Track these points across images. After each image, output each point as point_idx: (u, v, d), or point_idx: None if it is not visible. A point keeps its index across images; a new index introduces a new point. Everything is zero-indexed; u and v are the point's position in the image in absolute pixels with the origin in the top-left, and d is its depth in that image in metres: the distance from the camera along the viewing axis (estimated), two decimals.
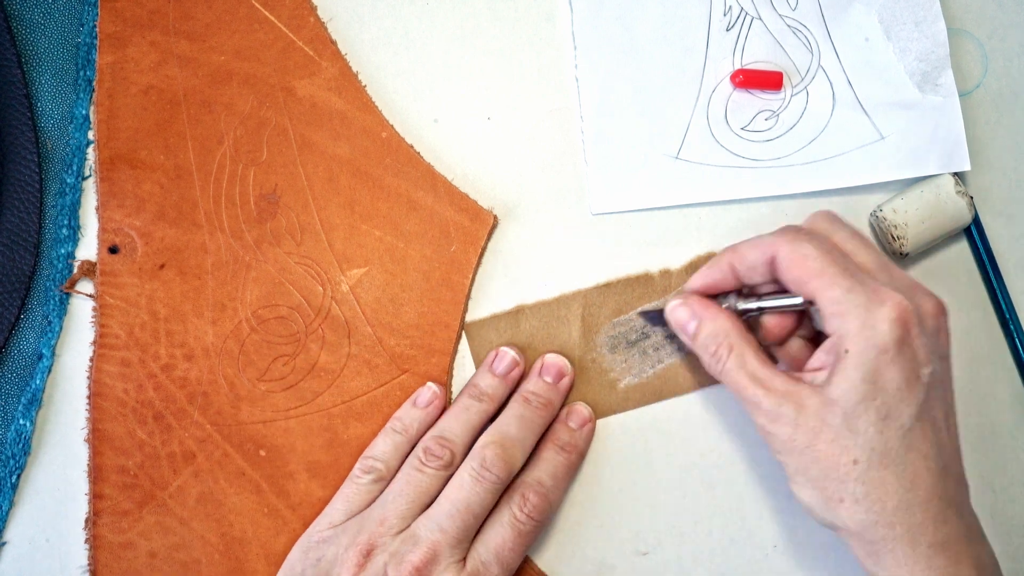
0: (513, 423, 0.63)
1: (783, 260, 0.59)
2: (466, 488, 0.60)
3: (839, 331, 0.57)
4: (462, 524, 0.59)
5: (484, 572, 0.59)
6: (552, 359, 0.66)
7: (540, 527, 0.62)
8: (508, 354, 0.65)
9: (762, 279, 0.62)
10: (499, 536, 0.60)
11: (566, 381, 0.66)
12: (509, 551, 0.60)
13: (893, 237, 0.68)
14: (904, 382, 0.56)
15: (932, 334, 0.58)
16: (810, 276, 0.58)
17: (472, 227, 0.67)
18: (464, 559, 0.59)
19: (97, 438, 0.63)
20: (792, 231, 0.61)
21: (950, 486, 0.57)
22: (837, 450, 0.56)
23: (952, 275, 0.71)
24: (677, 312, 0.63)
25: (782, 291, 0.62)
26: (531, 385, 0.65)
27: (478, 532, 0.61)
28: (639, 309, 0.68)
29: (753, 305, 0.63)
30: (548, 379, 0.65)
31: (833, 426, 0.56)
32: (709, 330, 0.61)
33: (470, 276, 0.67)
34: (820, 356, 0.59)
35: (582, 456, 0.66)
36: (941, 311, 0.60)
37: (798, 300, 0.61)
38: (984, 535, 0.60)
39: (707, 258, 0.69)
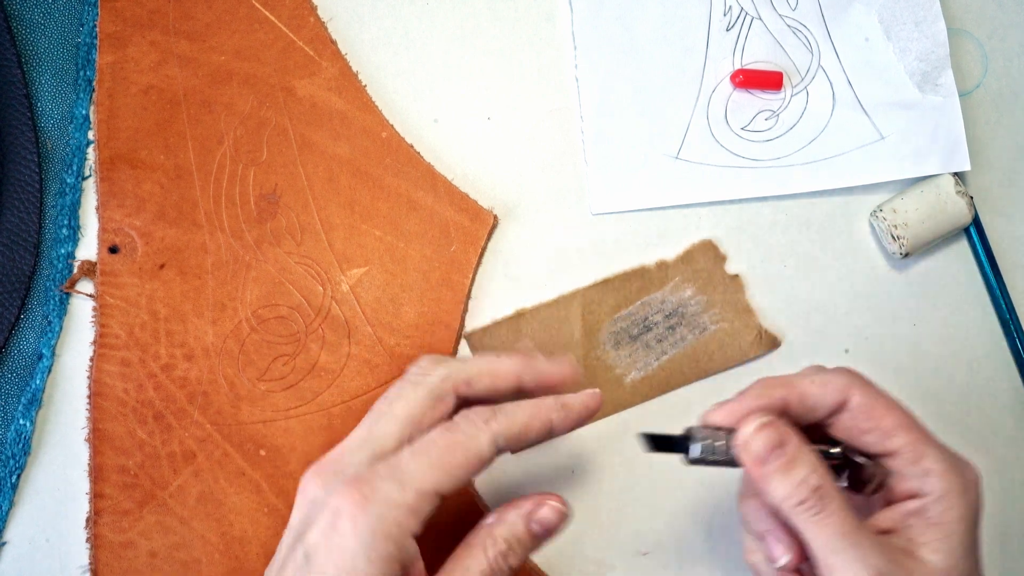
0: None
1: (861, 407, 0.54)
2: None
3: (937, 493, 0.52)
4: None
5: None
6: None
7: None
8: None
9: (814, 423, 0.56)
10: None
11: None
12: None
13: (894, 237, 0.68)
14: (976, 545, 0.53)
15: None
16: (898, 428, 0.53)
17: (472, 227, 0.67)
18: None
19: (97, 438, 0.63)
20: (856, 373, 0.55)
21: None
22: None
23: (952, 275, 0.71)
24: (760, 438, 0.53)
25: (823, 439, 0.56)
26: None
27: None
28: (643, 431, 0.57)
29: (836, 451, 0.56)
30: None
31: None
32: (802, 474, 0.52)
33: (470, 276, 0.67)
34: (896, 516, 0.53)
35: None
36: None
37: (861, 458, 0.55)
38: None
39: (703, 246, 0.69)
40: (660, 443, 0.56)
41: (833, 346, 0.70)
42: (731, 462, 0.54)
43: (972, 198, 0.69)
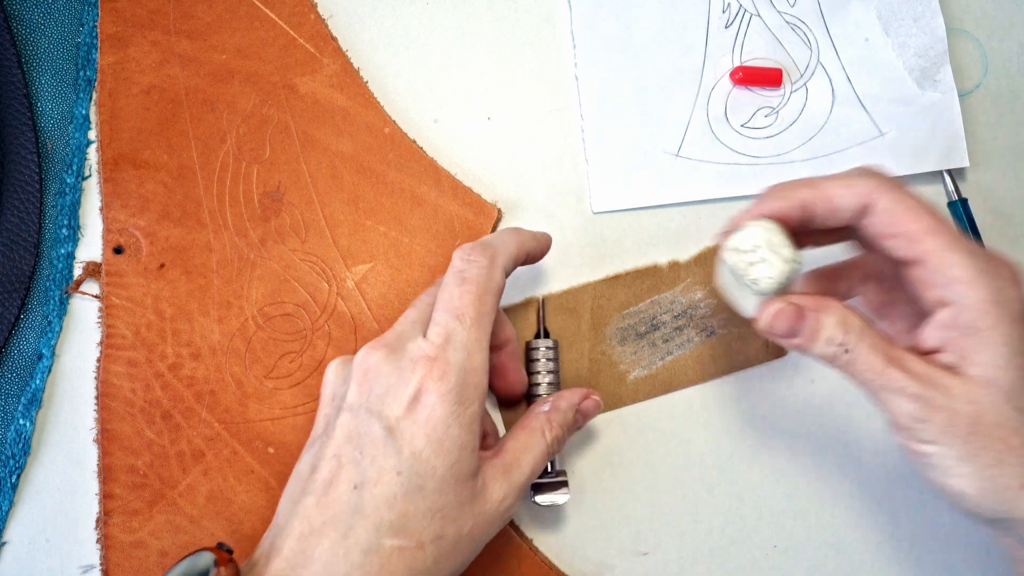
0: None
1: (887, 211, 0.52)
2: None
3: (965, 301, 0.51)
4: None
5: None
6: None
7: None
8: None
9: (837, 226, 0.56)
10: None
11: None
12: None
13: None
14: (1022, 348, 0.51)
15: None
16: (924, 233, 0.51)
17: (476, 221, 0.67)
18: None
19: (106, 438, 0.63)
20: (883, 176, 0.54)
21: None
22: (1007, 432, 0.50)
23: None
24: (782, 317, 0.55)
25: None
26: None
27: None
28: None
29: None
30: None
31: (996, 406, 0.50)
32: (832, 321, 0.53)
33: None
34: (936, 333, 0.53)
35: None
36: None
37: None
38: None
39: (715, 250, 0.69)
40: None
41: None
42: None
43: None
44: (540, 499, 0.64)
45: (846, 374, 0.54)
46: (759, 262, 0.54)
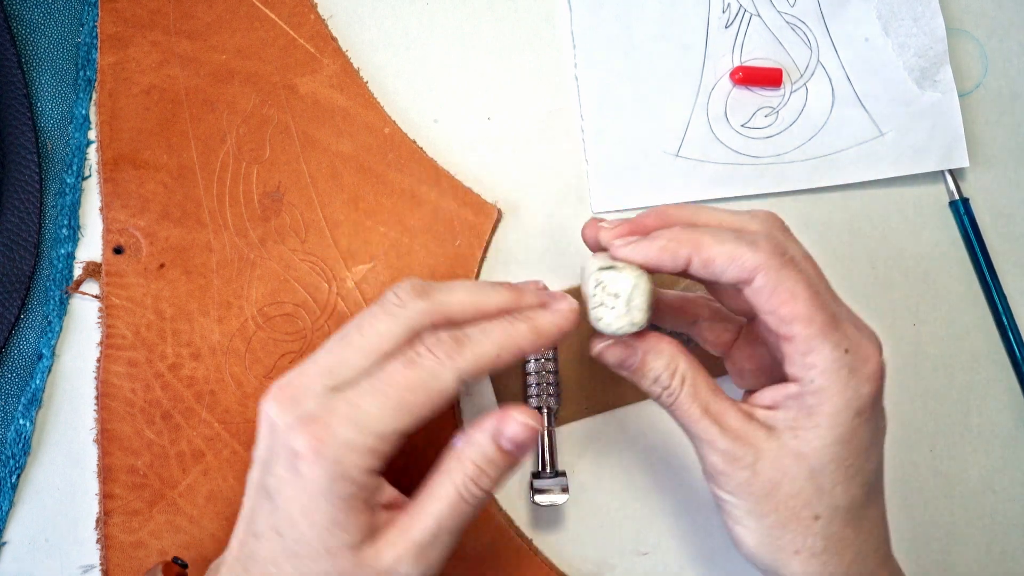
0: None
1: (765, 290, 0.52)
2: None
3: (814, 386, 0.52)
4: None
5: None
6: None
7: None
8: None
9: (716, 284, 0.57)
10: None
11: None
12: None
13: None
14: (871, 439, 0.53)
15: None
16: (794, 319, 0.52)
17: (476, 221, 0.67)
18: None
19: (106, 438, 0.63)
20: (774, 249, 0.53)
21: (887, 522, 0.56)
22: (799, 504, 0.53)
23: (951, 275, 0.71)
24: (612, 352, 0.56)
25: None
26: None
27: None
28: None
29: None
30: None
31: (797, 480, 0.52)
32: (659, 364, 0.55)
33: (475, 270, 0.67)
34: (777, 396, 0.54)
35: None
36: (881, 346, 0.55)
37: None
38: None
39: None
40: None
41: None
42: None
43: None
44: (540, 499, 0.64)
45: (669, 411, 0.56)
46: (610, 308, 0.54)
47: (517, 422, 0.53)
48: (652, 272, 0.55)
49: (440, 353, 0.51)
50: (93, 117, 0.66)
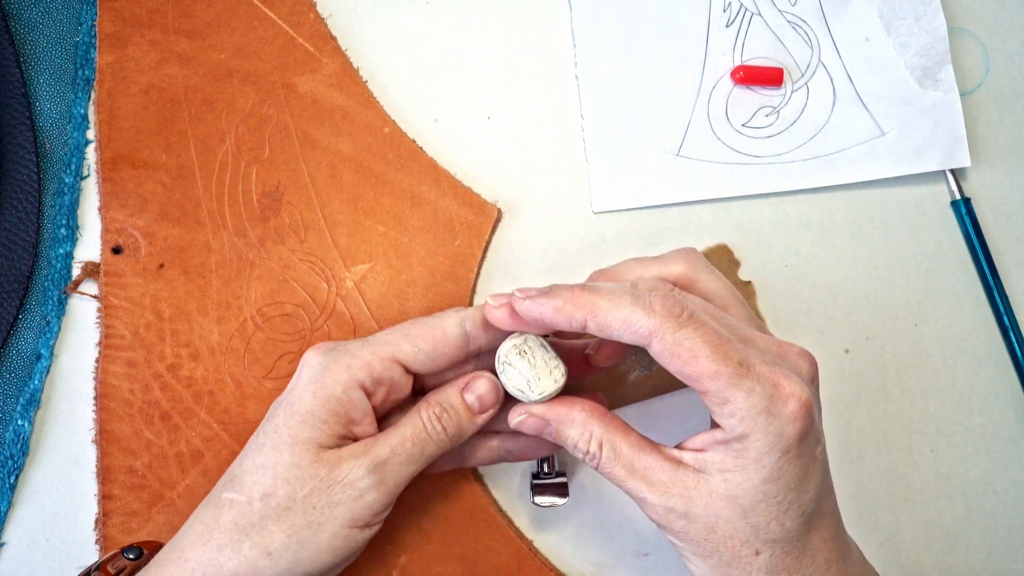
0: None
1: (664, 353, 0.52)
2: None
3: (737, 433, 0.52)
4: None
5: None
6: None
7: None
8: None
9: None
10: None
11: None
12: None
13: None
14: (803, 470, 0.53)
15: (817, 398, 0.54)
16: (699, 376, 0.51)
17: (476, 221, 0.67)
18: None
19: (104, 439, 0.63)
20: (669, 312, 0.52)
21: (840, 537, 0.56)
22: (737, 543, 0.53)
23: (953, 275, 0.71)
24: (527, 425, 0.58)
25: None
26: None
27: None
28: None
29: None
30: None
31: (731, 521, 0.53)
32: (572, 432, 0.56)
33: (475, 270, 0.67)
34: (707, 440, 0.54)
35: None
36: (815, 365, 0.55)
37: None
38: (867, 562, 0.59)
39: (719, 250, 0.69)
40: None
41: (833, 346, 0.70)
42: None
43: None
44: (540, 500, 0.64)
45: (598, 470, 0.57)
46: (515, 372, 0.57)
47: (483, 379, 0.59)
48: (556, 335, 0.59)
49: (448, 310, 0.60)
50: (92, 116, 0.66)
